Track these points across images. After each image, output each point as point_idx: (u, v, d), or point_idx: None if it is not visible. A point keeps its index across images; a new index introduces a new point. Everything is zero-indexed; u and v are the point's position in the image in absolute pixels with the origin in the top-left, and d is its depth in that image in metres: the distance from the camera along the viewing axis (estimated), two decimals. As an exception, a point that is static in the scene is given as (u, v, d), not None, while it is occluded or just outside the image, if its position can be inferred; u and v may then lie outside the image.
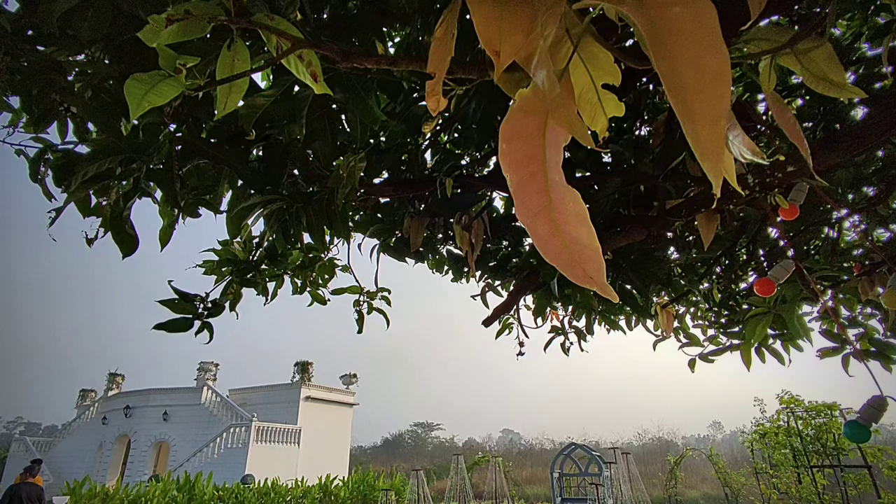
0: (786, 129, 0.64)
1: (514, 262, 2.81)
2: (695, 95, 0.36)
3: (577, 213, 0.51)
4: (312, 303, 3.19)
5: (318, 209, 1.94)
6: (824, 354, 3.06)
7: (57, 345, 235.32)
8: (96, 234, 2.05)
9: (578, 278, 0.51)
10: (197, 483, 14.91)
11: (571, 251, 0.51)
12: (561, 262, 0.51)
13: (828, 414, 5.31)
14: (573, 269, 0.51)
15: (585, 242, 0.52)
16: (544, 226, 0.50)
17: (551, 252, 0.50)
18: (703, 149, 0.38)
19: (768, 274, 1.56)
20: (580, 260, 0.51)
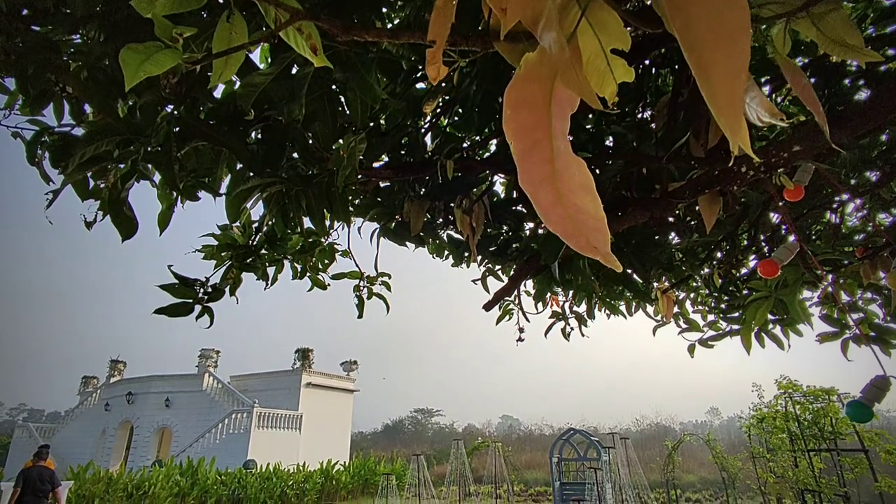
0: (801, 95, 0.63)
1: (514, 247, 2.80)
2: (713, 49, 0.35)
3: (581, 182, 0.50)
4: (312, 288, 3.19)
5: (318, 192, 1.92)
6: (824, 339, 3.07)
7: (59, 332, 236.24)
8: (95, 217, 2.04)
9: (582, 248, 0.50)
10: (200, 468, 15.07)
11: (576, 220, 0.50)
12: (565, 232, 0.50)
13: (826, 399, 5.34)
14: (577, 239, 0.50)
15: (590, 212, 0.51)
16: (548, 195, 0.49)
17: (554, 221, 0.49)
18: (720, 105, 0.37)
19: (772, 255, 1.55)
20: (584, 230, 0.50)
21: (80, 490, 12.27)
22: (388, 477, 10.75)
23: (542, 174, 0.48)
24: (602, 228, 0.50)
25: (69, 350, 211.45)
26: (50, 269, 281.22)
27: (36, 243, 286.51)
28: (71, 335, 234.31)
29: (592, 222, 0.50)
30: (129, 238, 1.85)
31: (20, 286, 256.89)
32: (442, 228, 2.83)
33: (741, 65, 0.37)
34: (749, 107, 0.53)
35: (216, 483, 15.01)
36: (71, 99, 1.83)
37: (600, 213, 0.51)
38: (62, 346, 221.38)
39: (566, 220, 0.49)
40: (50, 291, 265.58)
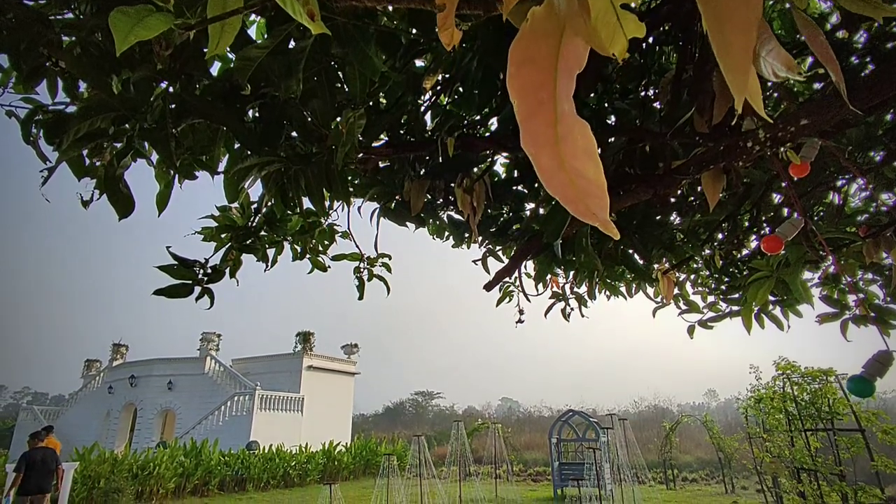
0: (818, 52, 0.61)
1: (515, 228, 2.79)
2: (728, 1, 0.33)
3: (585, 147, 0.49)
4: (312, 270, 3.18)
5: (317, 171, 1.90)
6: (823, 320, 3.07)
7: (61, 316, 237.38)
8: (91, 195, 2.02)
9: (581, 214, 0.49)
10: (203, 449, 15.26)
11: (577, 186, 0.49)
12: (565, 197, 0.48)
13: (823, 379, 5.38)
14: (576, 205, 0.49)
15: (591, 178, 0.49)
16: (550, 158, 0.48)
17: (555, 186, 0.48)
18: (730, 60, 0.36)
19: (776, 231, 1.53)
20: (584, 195, 0.49)
21: (85, 470, 12.44)
22: (390, 457, 10.88)
23: (545, 137, 0.47)
24: (602, 195, 0.49)
25: (71, 334, 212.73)
26: (51, 254, 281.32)
27: (37, 228, 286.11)
28: (73, 319, 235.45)
29: (593, 188, 0.49)
30: (125, 216, 1.83)
31: (21, 271, 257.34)
32: (442, 209, 2.81)
33: (754, 16, 0.35)
34: (765, 61, 0.51)
35: (220, 464, 15.21)
36: (64, 75, 1.79)
37: (601, 179, 0.50)
38: (64, 330, 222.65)
39: (567, 185, 0.48)
40: (51, 276, 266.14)
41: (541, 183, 0.77)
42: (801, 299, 2.17)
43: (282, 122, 1.90)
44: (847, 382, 1.19)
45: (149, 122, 1.66)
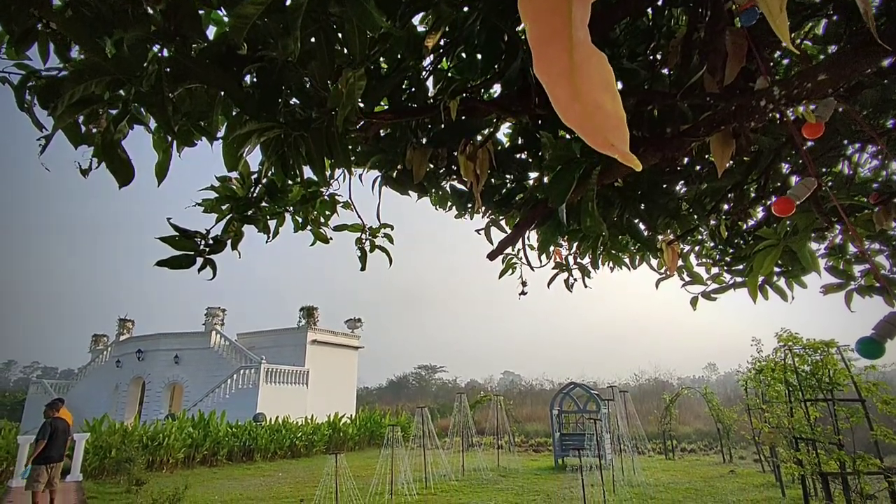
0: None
1: (519, 197, 2.75)
2: None
3: (602, 77, 0.46)
4: (315, 242, 3.16)
5: (318, 137, 1.86)
6: (828, 290, 3.06)
7: (68, 291, 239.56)
8: (90, 164, 1.99)
9: (599, 145, 0.47)
10: (211, 421, 15.56)
11: (594, 119, 0.46)
12: (582, 129, 0.46)
13: (825, 351, 5.40)
14: (594, 137, 0.47)
15: (609, 110, 0.47)
16: (565, 89, 0.45)
17: (571, 117, 0.46)
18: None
19: (788, 192, 1.50)
20: (602, 128, 0.47)
21: (96, 441, 12.73)
22: (394, 429, 11.08)
23: (560, 65, 0.44)
24: (621, 126, 0.47)
25: (78, 309, 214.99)
26: (56, 230, 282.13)
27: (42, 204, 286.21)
28: (79, 294, 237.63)
29: (612, 120, 0.46)
30: (125, 184, 1.81)
31: (27, 247, 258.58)
32: (445, 179, 2.77)
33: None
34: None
35: (228, 435, 15.54)
36: (56, 37, 1.74)
37: (620, 111, 0.47)
38: (71, 305, 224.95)
39: (584, 118, 0.45)
40: (56, 251, 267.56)
41: (545, 151, 0.72)
42: (809, 267, 2.14)
43: (280, 86, 1.85)
44: (856, 344, 1.18)
45: (145, 87, 1.61)
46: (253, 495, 10.31)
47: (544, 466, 14.17)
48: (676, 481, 11.26)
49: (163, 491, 6.52)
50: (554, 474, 12.49)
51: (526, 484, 11.17)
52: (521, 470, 13.48)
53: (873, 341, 1.16)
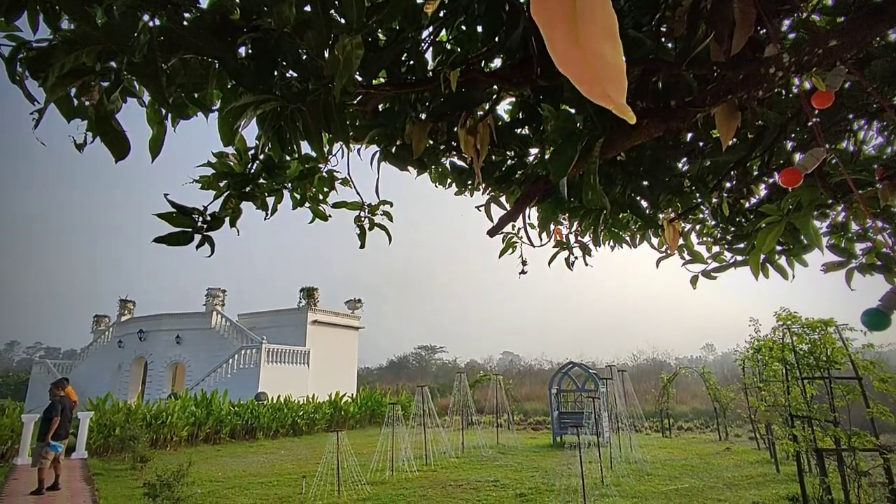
0: None
1: (520, 174, 2.72)
2: None
3: (605, 24, 0.44)
4: (314, 219, 3.14)
5: (315, 109, 1.83)
6: (829, 268, 3.05)
7: (69, 272, 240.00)
8: (84, 138, 1.96)
9: (596, 96, 0.44)
10: (214, 400, 15.73)
11: (593, 67, 0.44)
12: (580, 78, 0.44)
13: (823, 330, 5.43)
14: (591, 87, 0.44)
15: (609, 60, 0.45)
16: (564, 34, 0.43)
17: (569, 65, 0.43)
18: None
19: (796, 163, 1.47)
20: (601, 78, 0.45)
21: (101, 420, 12.89)
22: (395, 407, 11.21)
23: (562, 9, 0.41)
24: (621, 77, 0.44)
25: (78, 290, 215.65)
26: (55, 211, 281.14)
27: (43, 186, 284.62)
28: (80, 275, 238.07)
29: (612, 72, 0.44)
30: (121, 158, 1.78)
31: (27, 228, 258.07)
32: (444, 155, 2.73)
33: None
34: None
35: (230, 413, 15.73)
36: (45, 6, 1.70)
37: (620, 61, 0.45)
38: (71, 286, 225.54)
39: (582, 66, 0.43)
40: (57, 232, 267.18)
41: (546, 125, 0.69)
42: (812, 244, 2.13)
43: (276, 58, 1.81)
44: (862, 315, 1.17)
45: (137, 57, 1.58)
46: (256, 472, 10.48)
47: (543, 444, 14.38)
48: (673, 458, 11.44)
49: (167, 467, 6.63)
50: (552, 452, 12.68)
51: (525, 461, 11.34)
52: (519, 447, 13.69)
53: (880, 312, 1.15)
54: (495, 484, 8.83)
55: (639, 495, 7.78)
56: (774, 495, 7.53)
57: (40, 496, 8.13)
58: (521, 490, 8.23)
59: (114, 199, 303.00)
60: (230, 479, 9.77)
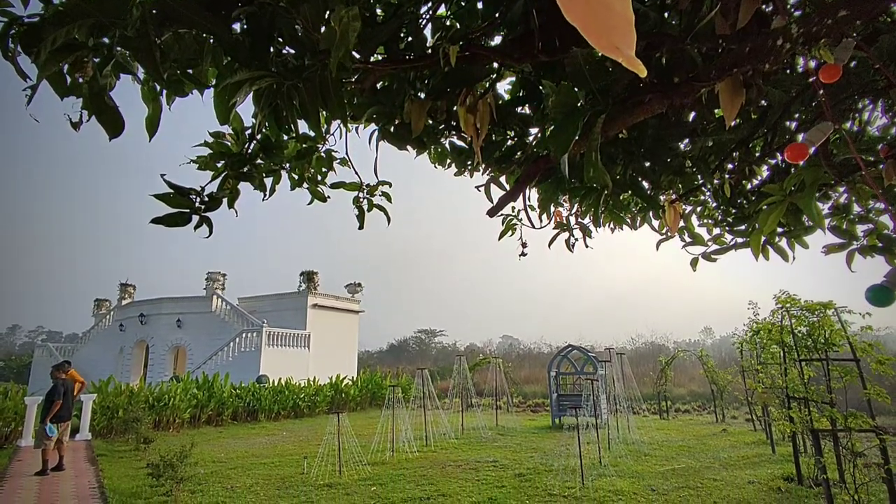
0: None
1: (520, 155, 2.69)
2: None
3: (611, -27, 0.42)
4: (312, 201, 3.12)
5: (311, 86, 1.80)
6: (830, 250, 3.04)
7: (69, 256, 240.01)
8: (80, 116, 1.93)
9: (604, 48, 0.43)
10: (215, 382, 15.85)
11: (600, 18, 0.42)
12: (586, 28, 0.42)
13: (822, 312, 5.44)
14: (598, 38, 0.43)
15: (618, 10, 0.43)
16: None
17: (575, 13, 0.42)
18: None
19: (802, 138, 1.45)
20: (608, 30, 0.43)
21: (103, 402, 13.01)
22: (395, 389, 11.30)
23: (568, -45, 0.39)
24: (629, 30, 0.43)
25: (78, 274, 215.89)
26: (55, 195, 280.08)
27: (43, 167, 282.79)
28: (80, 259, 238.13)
29: (620, 22, 0.42)
30: (116, 136, 1.75)
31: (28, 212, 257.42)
32: (444, 135, 2.70)
33: None
34: None
35: (232, 396, 15.87)
36: (33, -22, 1.65)
37: (628, 12, 0.43)
38: (72, 270, 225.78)
39: (589, 15, 0.41)
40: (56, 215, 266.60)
41: (546, 101, 0.67)
42: (816, 223, 2.11)
43: (271, 33, 1.77)
44: (867, 291, 1.16)
45: (130, 31, 1.54)
46: (258, 452, 10.61)
47: (542, 426, 14.54)
48: (670, 439, 11.58)
49: (170, 448, 6.70)
50: (551, 433, 12.83)
51: (524, 442, 11.48)
52: (519, 429, 13.84)
53: (884, 289, 1.14)
54: (494, 464, 8.94)
55: (636, 475, 7.88)
56: (770, 475, 7.64)
57: (45, 476, 8.24)
58: (520, 470, 8.34)
59: (114, 184, 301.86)
60: (233, 459, 9.89)
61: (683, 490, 6.92)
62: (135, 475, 8.34)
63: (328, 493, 7.07)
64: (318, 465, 8.51)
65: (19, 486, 7.68)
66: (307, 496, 6.94)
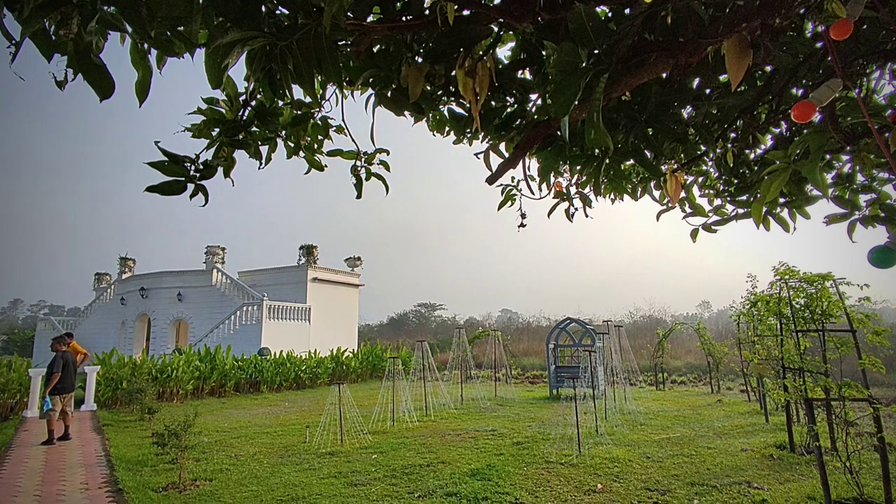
0: None
1: (520, 122, 2.64)
2: None
3: None
4: (309, 170, 3.07)
5: (305, 47, 1.74)
6: (831, 220, 3.02)
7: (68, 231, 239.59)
8: (66, 75, 1.87)
9: None
10: (217, 355, 16.01)
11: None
12: None
13: (820, 283, 5.44)
14: None
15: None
16: None
17: None
18: None
19: (810, 96, 1.41)
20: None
21: (107, 374, 13.17)
22: (395, 361, 11.42)
23: None
24: None
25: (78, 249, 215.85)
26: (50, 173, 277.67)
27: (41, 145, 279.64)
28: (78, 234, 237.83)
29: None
30: (106, 97, 1.71)
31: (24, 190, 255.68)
32: (442, 101, 2.64)
33: None
34: None
35: (234, 368, 16.06)
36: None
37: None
38: (71, 245, 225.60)
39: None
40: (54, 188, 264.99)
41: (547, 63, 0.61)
42: (819, 188, 2.08)
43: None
44: (869, 253, 1.14)
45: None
46: (261, 422, 10.80)
47: (540, 396, 14.76)
48: (665, 409, 11.77)
49: (174, 418, 6.81)
50: (549, 403, 13.04)
51: (522, 412, 11.67)
52: (517, 399, 14.06)
53: (888, 249, 1.12)
54: (493, 433, 9.11)
55: (631, 443, 8.04)
56: (763, 443, 7.79)
57: (51, 445, 8.40)
58: (518, 439, 8.50)
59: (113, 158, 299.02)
60: (236, 429, 10.07)
61: (678, 457, 7.06)
62: (140, 444, 8.51)
63: (330, 461, 7.22)
64: (320, 435, 8.67)
65: (26, 455, 7.83)
66: (310, 463, 7.09)
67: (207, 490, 5.95)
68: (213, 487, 6.06)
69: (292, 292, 25.47)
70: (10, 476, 6.59)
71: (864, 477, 5.27)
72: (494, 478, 6.16)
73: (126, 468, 6.95)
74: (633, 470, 6.49)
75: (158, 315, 25.13)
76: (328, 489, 5.89)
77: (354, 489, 5.88)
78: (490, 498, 5.41)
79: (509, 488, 5.75)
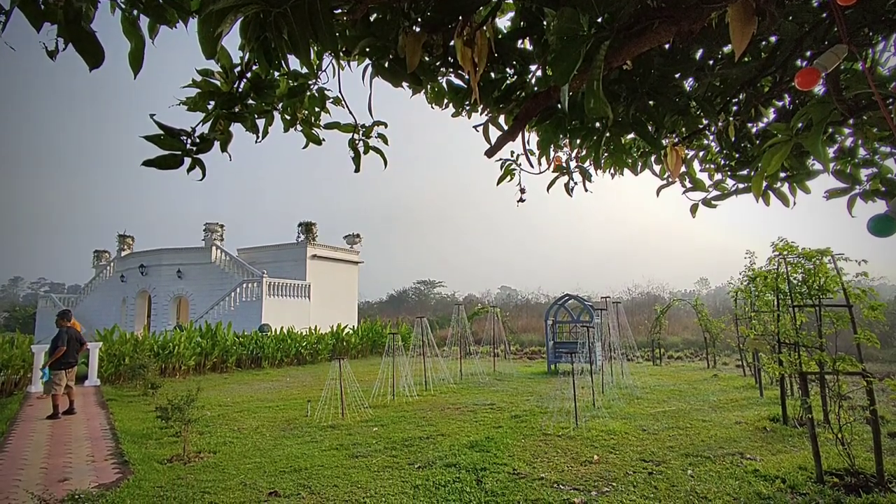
0: None
1: (520, 94, 2.60)
2: None
3: None
4: (307, 144, 3.04)
5: (300, 15, 1.70)
6: (832, 195, 3.01)
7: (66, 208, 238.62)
8: (56, 45, 1.84)
9: None
10: (218, 331, 16.12)
11: None
12: None
13: (818, 258, 5.46)
14: None
15: None
16: None
17: None
18: None
19: (814, 62, 1.38)
20: None
21: (109, 350, 13.29)
22: (395, 337, 11.52)
23: None
24: None
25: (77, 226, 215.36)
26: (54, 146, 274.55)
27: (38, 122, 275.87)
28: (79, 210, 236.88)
29: None
30: (96, 66, 1.68)
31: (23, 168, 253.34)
32: (441, 72, 2.60)
33: None
34: None
35: (235, 344, 16.21)
36: None
37: None
38: (70, 222, 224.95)
39: None
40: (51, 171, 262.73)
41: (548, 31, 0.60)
42: (821, 162, 2.07)
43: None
44: (869, 221, 1.14)
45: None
46: (262, 397, 10.95)
47: (538, 372, 14.95)
48: (662, 384, 11.94)
49: (177, 393, 6.90)
50: (547, 378, 13.21)
51: (520, 386, 11.83)
52: (515, 375, 14.23)
53: (889, 218, 1.12)
54: (491, 407, 9.25)
55: (628, 416, 8.18)
56: (756, 416, 7.93)
57: (56, 419, 8.53)
58: (516, 412, 8.64)
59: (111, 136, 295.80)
60: (238, 403, 10.21)
61: (673, 430, 7.19)
62: (144, 418, 8.64)
63: (331, 434, 7.34)
64: (321, 409, 8.80)
65: (32, 429, 7.96)
66: (311, 436, 7.22)
67: (211, 462, 6.07)
68: (217, 459, 6.17)
69: (292, 269, 25.53)
70: (17, 449, 6.71)
71: (856, 448, 5.38)
72: (493, 449, 6.28)
73: (131, 441, 7.07)
74: (629, 442, 6.61)
75: (159, 292, 25.23)
76: (330, 461, 6.01)
77: (356, 461, 6.00)
78: (488, 468, 5.52)
79: (507, 459, 5.87)
